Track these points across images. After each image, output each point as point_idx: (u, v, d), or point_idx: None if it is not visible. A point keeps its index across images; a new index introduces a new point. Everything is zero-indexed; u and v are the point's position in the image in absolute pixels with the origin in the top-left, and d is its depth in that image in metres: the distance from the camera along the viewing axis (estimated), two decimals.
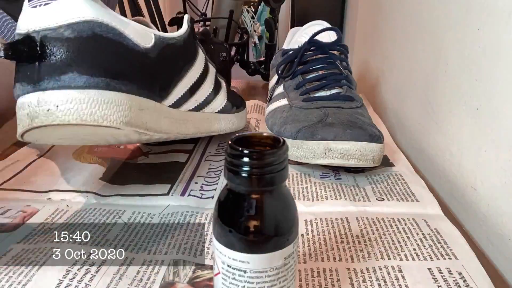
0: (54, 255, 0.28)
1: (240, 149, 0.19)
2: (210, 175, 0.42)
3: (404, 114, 0.57)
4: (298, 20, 1.02)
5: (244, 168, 0.19)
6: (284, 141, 0.20)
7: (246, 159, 0.19)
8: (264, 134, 0.21)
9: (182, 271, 0.27)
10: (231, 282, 0.20)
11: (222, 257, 0.20)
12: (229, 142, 0.20)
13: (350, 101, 0.43)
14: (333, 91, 0.44)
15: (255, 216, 0.20)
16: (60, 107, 0.26)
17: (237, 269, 0.20)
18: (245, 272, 0.20)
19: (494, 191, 0.35)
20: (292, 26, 0.95)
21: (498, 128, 0.35)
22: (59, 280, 0.26)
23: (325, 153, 0.38)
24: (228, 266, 0.20)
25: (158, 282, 0.26)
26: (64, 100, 0.26)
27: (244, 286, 0.20)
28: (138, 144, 0.48)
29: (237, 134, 0.21)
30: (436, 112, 0.47)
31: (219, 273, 0.21)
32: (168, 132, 0.33)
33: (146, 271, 0.27)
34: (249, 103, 0.62)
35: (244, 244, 0.20)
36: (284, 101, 0.46)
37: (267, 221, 0.20)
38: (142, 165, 0.43)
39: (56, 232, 0.31)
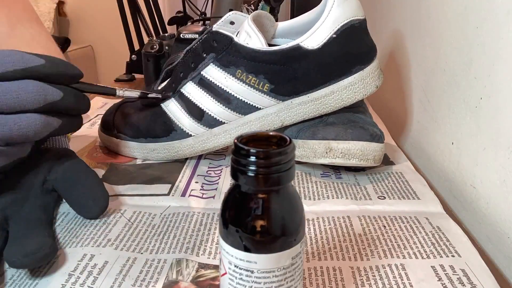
0: (56, 261, 0.28)
1: (247, 148, 0.19)
2: (210, 173, 0.41)
3: (403, 113, 0.58)
4: None
5: (251, 168, 0.19)
6: (290, 140, 0.20)
7: (253, 158, 0.19)
8: (271, 133, 0.21)
9: (185, 270, 0.27)
10: (238, 283, 0.20)
11: (229, 257, 0.20)
12: (235, 141, 0.20)
13: None
14: None
15: (262, 216, 0.20)
16: None
17: (244, 269, 0.20)
18: (252, 272, 0.20)
19: (493, 189, 0.35)
20: None
21: (497, 126, 0.35)
22: (62, 284, 0.26)
23: (326, 153, 0.38)
24: (235, 266, 0.20)
25: (162, 281, 0.26)
26: None
27: (251, 286, 0.20)
28: None
29: (242, 133, 0.21)
30: (435, 110, 0.47)
31: (226, 273, 0.20)
32: None
33: (149, 270, 0.27)
34: None
35: (251, 244, 0.19)
36: None
37: (274, 220, 0.20)
38: (142, 166, 0.43)
39: (59, 237, 0.31)
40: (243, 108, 0.40)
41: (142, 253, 0.29)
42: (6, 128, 0.27)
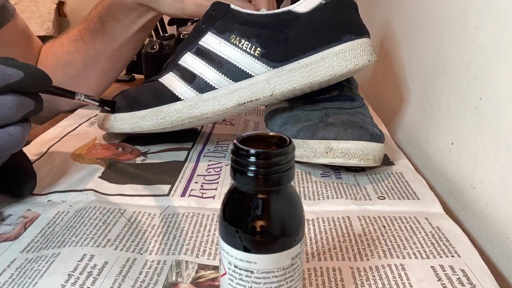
0: (56, 260, 0.28)
1: (247, 148, 0.19)
2: (210, 172, 0.41)
3: (403, 113, 0.58)
4: None
5: (251, 168, 0.19)
6: (290, 140, 0.20)
7: (253, 159, 0.19)
8: (271, 134, 0.21)
9: (185, 271, 0.27)
10: (238, 283, 0.20)
11: (229, 257, 0.20)
12: (235, 141, 0.20)
13: (351, 101, 0.43)
14: (334, 93, 0.45)
15: (262, 216, 0.20)
16: None
17: (244, 270, 0.20)
18: (252, 272, 0.20)
19: (493, 190, 0.35)
20: None
21: (496, 126, 0.35)
22: (62, 285, 0.26)
23: (326, 152, 0.38)
24: (235, 266, 0.20)
25: (161, 282, 0.26)
26: None
27: (251, 286, 0.20)
28: (136, 146, 0.47)
29: (242, 134, 0.21)
30: (435, 110, 0.47)
31: (225, 273, 0.20)
32: None
33: (148, 272, 0.27)
34: None
35: (251, 245, 0.19)
36: (284, 103, 0.46)
37: (274, 221, 0.20)
38: (142, 166, 0.43)
39: (58, 236, 0.31)
40: (234, 73, 0.40)
41: (141, 254, 0.29)
42: None
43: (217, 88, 0.41)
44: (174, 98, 0.42)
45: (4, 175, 0.35)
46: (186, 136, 0.50)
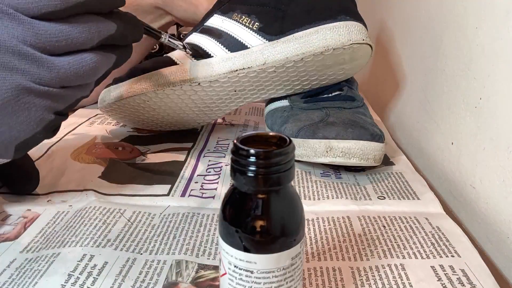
0: (56, 260, 0.28)
1: (247, 148, 0.19)
2: (209, 172, 0.41)
3: (403, 113, 0.58)
4: None
5: (251, 168, 0.19)
6: (290, 140, 0.20)
7: (252, 159, 0.19)
8: (270, 134, 0.21)
9: (185, 271, 0.27)
10: (238, 283, 0.20)
11: (229, 257, 0.20)
12: (235, 141, 0.20)
13: (351, 101, 0.43)
14: (334, 93, 0.45)
15: (261, 216, 0.20)
16: None
17: (244, 270, 0.20)
18: (252, 272, 0.20)
19: (492, 189, 0.35)
20: None
21: (496, 126, 0.35)
22: (61, 285, 0.26)
23: (327, 152, 0.38)
24: (235, 266, 0.20)
25: (161, 282, 0.26)
26: None
27: (251, 286, 0.20)
28: (136, 146, 0.47)
29: (242, 134, 0.21)
30: (435, 110, 0.47)
31: (225, 273, 0.20)
32: None
33: (148, 272, 0.27)
34: (248, 105, 0.62)
35: (251, 244, 0.19)
36: (285, 102, 0.46)
37: (274, 221, 0.20)
38: (141, 165, 0.43)
39: (58, 236, 0.31)
40: (231, 43, 0.41)
41: (141, 254, 0.29)
42: (60, 72, 0.25)
43: (213, 56, 0.42)
44: (170, 62, 0.43)
45: (8, 173, 0.34)
46: (186, 136, 0.50)
